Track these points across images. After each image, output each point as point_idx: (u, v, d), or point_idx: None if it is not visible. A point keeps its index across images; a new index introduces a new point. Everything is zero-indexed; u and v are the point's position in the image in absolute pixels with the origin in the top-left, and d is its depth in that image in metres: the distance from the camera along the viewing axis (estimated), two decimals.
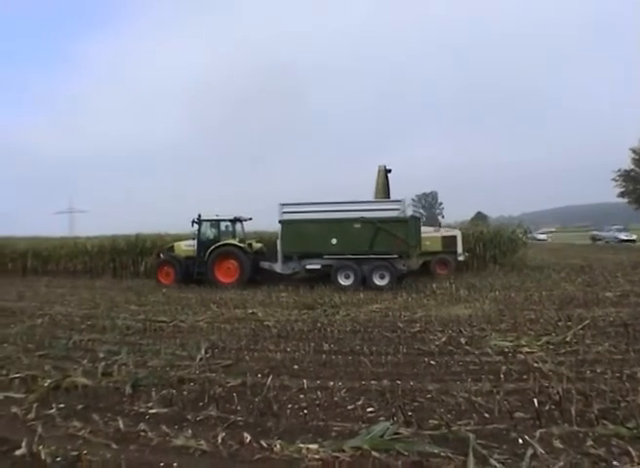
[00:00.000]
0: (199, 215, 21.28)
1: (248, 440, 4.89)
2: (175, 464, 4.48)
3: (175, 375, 7.17)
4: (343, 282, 18.47)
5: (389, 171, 22.18)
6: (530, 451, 4.44)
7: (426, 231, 22.57)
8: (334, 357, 8.18)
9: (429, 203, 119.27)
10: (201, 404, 6.06)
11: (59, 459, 4.62)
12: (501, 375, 6.84)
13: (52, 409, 5.93)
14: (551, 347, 8.34)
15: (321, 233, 18.71)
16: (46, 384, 6.76)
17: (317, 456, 4.54)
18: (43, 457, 4.63)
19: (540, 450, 4.45)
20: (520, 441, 4.75)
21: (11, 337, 10.17)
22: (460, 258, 22.58)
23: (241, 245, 20.68)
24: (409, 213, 18.36)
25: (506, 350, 8.24)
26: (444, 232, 23.04)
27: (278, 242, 19.76)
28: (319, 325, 10.84)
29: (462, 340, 8.98)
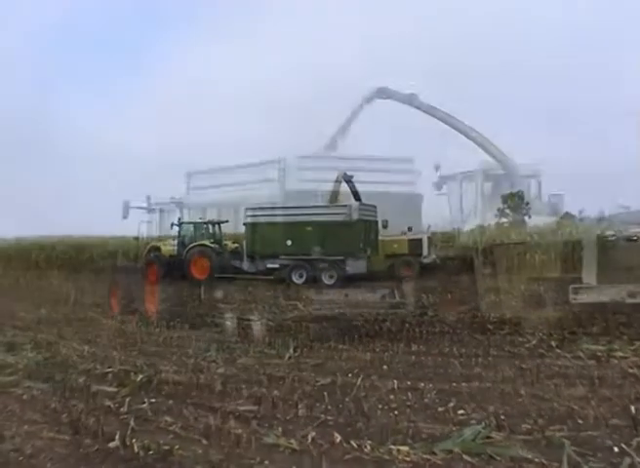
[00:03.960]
0: (179, 219, 23.74)
1: (338, 440, 4.84)
2: (266, 462, 4.47)
3: (264, 373, 7.20)
4: (297, 280, 20.43)
5: (351, 176, 24.28)
6: (627, 461, 4.22)
7: (394, 235, 24.15)
8: (423, 358, 8.07)
9: (516, 203, 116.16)
10: (290, 402, 6.05)
11: (151, 453, 4.69)
12: (595, 380, 6.55)
13: (143, 403, 6.04)
14: None
15: (278, 235, 21.08)
16: (138, 379, 6.92)
17: (408, 458, 4.46)
18: (136, 450, 4.71)
19: (638, 460, 4.22)
20: (616, 449, 4.50)
21: (103, 333, 10.49)
22: (426, 261, 23.15)
23: (212, 245, 22.89)
24: (355, 217, 19.70)
25: (599, 354, 7.90)
26: (410, 236, 24.03)
27: (244, 243, 21.89)
28: (407, 325, 10.70)
29: (553, 343, 8.67)
